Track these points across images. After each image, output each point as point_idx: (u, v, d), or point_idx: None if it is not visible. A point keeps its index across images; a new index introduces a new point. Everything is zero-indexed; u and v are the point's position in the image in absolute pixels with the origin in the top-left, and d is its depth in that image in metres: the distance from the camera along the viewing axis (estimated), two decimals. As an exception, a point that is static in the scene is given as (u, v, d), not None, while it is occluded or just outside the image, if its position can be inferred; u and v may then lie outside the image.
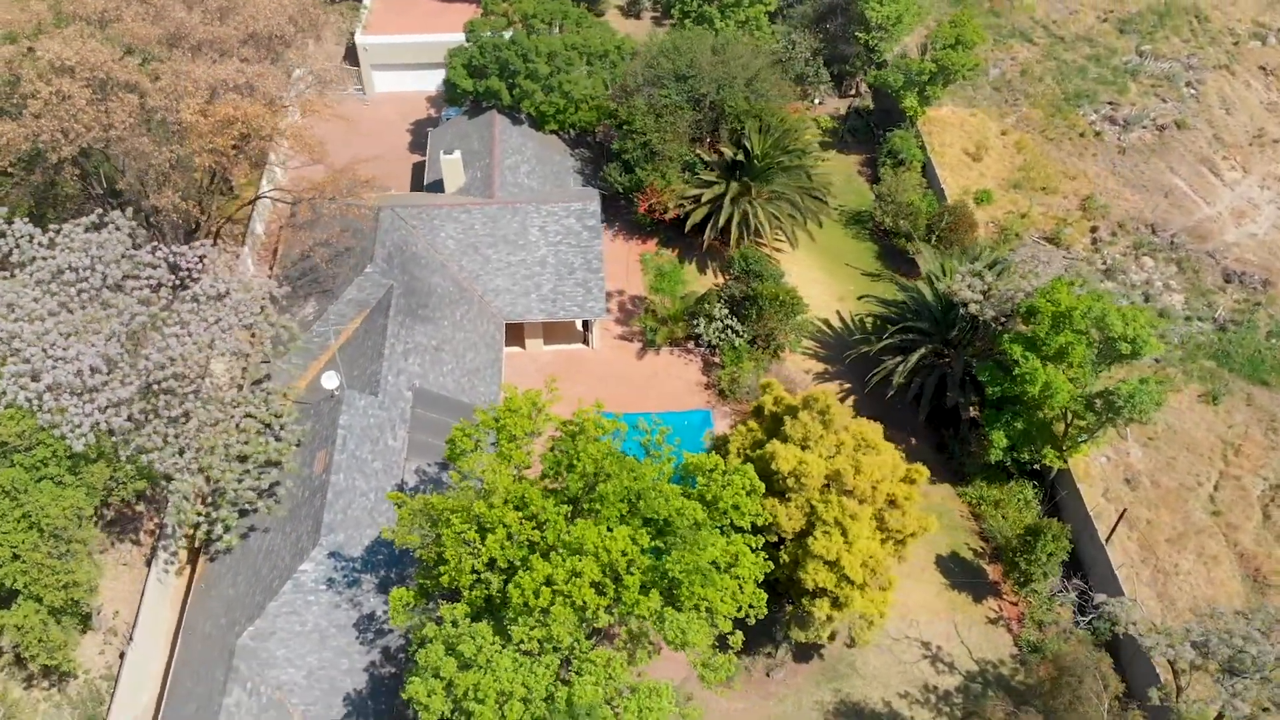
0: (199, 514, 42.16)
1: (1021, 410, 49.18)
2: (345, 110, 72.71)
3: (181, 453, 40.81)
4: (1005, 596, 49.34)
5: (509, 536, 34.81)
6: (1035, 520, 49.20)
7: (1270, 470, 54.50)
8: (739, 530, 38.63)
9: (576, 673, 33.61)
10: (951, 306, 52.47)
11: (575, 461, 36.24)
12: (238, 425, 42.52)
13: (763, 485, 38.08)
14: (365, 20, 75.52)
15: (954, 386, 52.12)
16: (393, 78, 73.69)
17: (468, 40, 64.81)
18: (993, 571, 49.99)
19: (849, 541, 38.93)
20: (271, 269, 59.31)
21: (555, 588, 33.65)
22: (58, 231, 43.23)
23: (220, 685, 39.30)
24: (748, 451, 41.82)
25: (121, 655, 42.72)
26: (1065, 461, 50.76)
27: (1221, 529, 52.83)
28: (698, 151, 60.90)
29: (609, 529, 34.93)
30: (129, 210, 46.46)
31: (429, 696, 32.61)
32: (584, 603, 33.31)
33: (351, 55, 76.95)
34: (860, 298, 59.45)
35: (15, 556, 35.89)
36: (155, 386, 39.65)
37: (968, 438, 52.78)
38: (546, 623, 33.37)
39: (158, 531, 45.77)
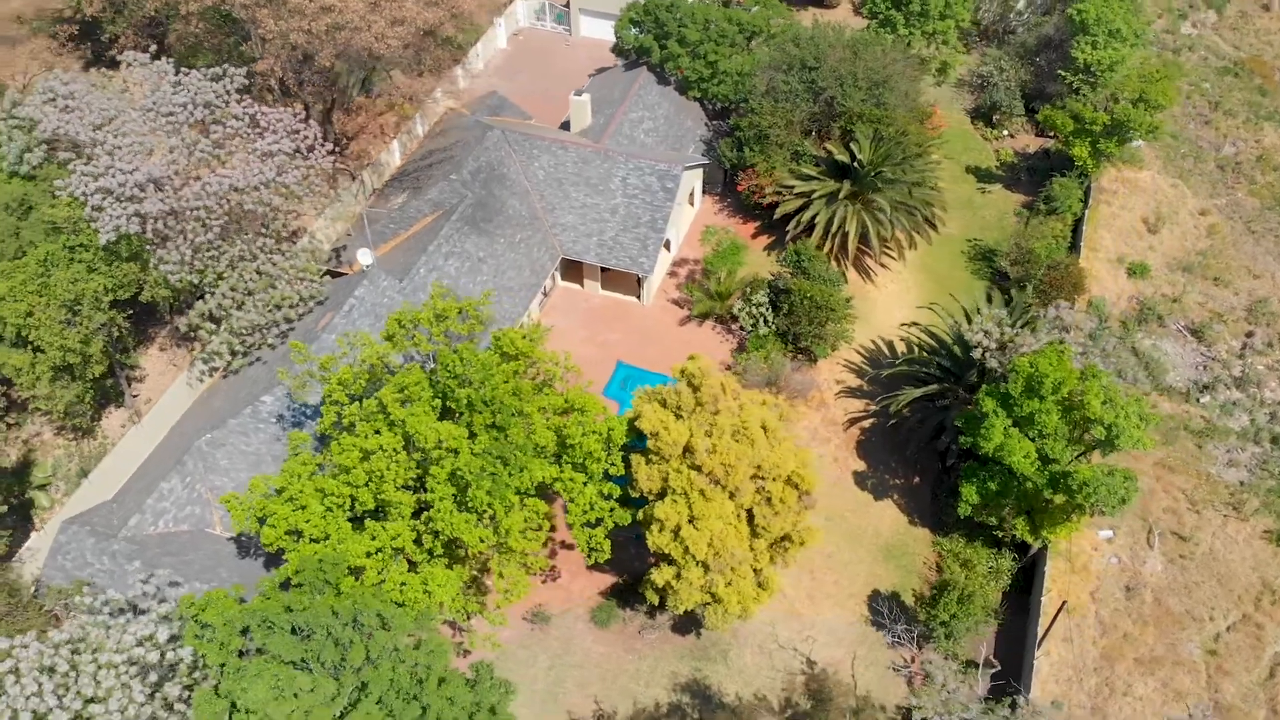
0: (210, 332, 49.15)
1: (998, 471, 46.75)
2: (547, 46, 78.71)
3: (202, 274, 47.79)
4: (922, 651, 47.41)
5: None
6: (971, 584, 46.75)
7: (1300, 634, 48.32)
8: (609, 478, 40.66)
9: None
10: (971, 349, 50.29)
11: (455, 363, 39.47)
12: (258, 269, 48.93)
13: (620, 438, 39.58)
14: None
15: (950, 429, 50.13)
16: (597, 24, 78.17)
17: (644, -5, 67.99)
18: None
19: (695, 516, 39.59)
20: (404, 163, 65.90)
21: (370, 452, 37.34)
22: (186, 73, 51.14)
23: (168, 473, 46.14)
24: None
25: (122, 428, 50.81)
26: (1036, 538, 47.68)
27: (1209, 671, 47.63)
28: (808, 145, 60.99)
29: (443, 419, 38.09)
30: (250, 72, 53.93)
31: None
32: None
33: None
34: (903, 324, 57.75)
35: (29, 313, 44.16)
36: (188, 212, 46.68)
37: (955, 487, 50.60)
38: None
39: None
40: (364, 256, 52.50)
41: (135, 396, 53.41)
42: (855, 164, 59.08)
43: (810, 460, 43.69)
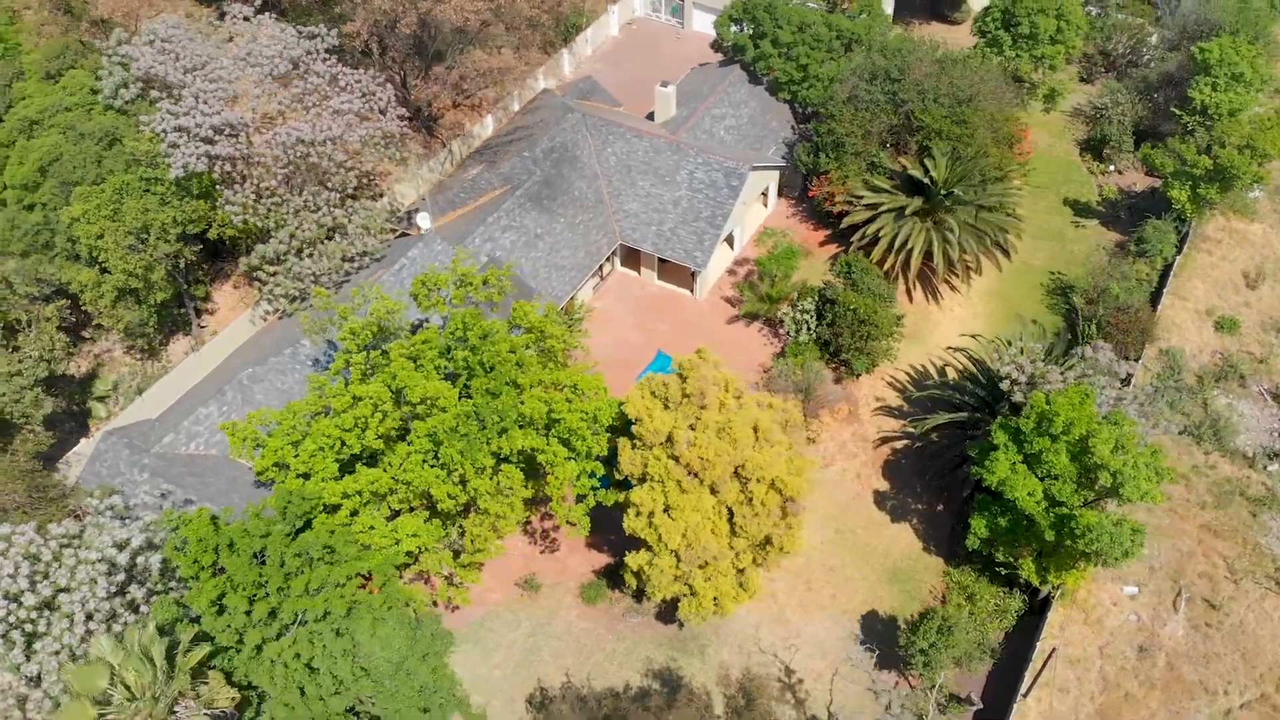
0: (270, 275, 52.03)
1: (1009, 507, 45.55)
2: (658, 37, 79.69)
3: (265, 219, 50.64)
4: (907, 677, 46.64)
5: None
6: (957, 616, 45.65)
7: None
8: (597, 458, 41.63)
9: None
10: (999, 380, 49.03)
11: (458, 327, 40.96)
12: (318, 221, 51.49)
13: (606, 419, 40.35)
14: None
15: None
16: (709, 18, 78.61)
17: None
18: (913, 652, 47.26)
19: (670, 505, 40.04)
20: (490, 137, 67.91)
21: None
22: (283, 29, 54.16)
23: (207, 398, 49.19)
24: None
25: (184, 355, 54.24)
26: (1044, 582, 46.27)
27: (1213, 745, 45.40)
28: (884, 157, 60.17)
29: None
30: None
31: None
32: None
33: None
34: (949, 348, 56.50)
35: (100, 235, 47.69)
36: (256, 158, 49.55)
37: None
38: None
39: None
40: (423, 220, 54.60)
41: (203, 327, 56.90)
42: (929, 181, 58.04)
43: (806, 469, 43.45)
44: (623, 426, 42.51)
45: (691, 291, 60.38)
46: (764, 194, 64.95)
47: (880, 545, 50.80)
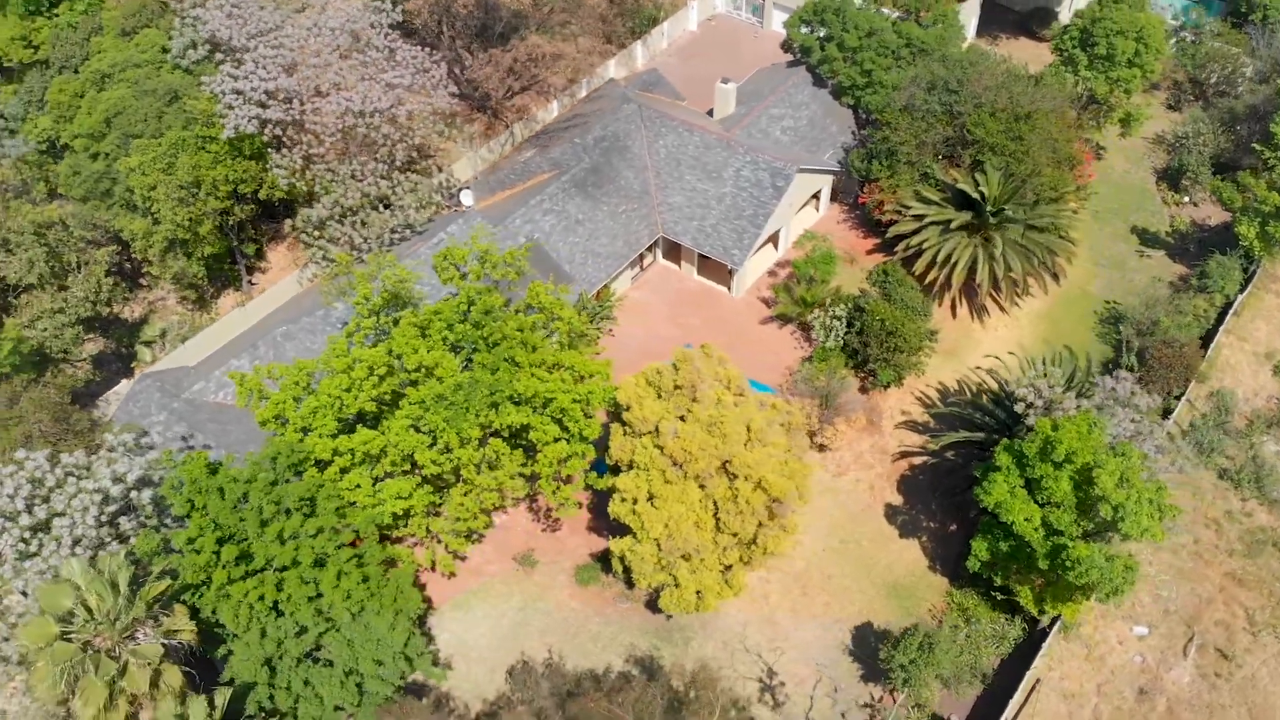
0: (313, 238, 53.87)
1: (1010, 531, 44.74)
2: (736, 35, 79.70)
3: (311, 184, 52.43)
4: (893, 693, 46.15)
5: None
6: (938, 636, 44.91)
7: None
8: (584, 439, 42.26)
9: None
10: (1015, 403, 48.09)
11: (466, 302, 41.97)
12: (363, 190, 53.07)
13: (598, 403, 40.96)
14: None
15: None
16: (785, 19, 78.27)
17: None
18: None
19: (654, 494, 40.39)
20: (551, 122, 68.90)
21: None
22: (348, 2, 55.92)
23: (240, 351, 51.23)
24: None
25: (233, 308, 56.47)
26: (1041, 611, 45.39)
27: (1202, 800, 43.93)
28: (937, 168, 59.28)
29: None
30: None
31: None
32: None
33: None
34: (975, 367, 55.46)
35: (153, 187, 50.01)
36: (306, 125, 51.35)
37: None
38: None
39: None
40: (465, 198, 55.87)
41: (253, 284, 59.14)
42: (979, 196, 57.03)
43: (802, 473, 43.31)
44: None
45: (729, 289, 60.42)
46: (816, 198, 64.57)
47: (884, 559, 50.26)
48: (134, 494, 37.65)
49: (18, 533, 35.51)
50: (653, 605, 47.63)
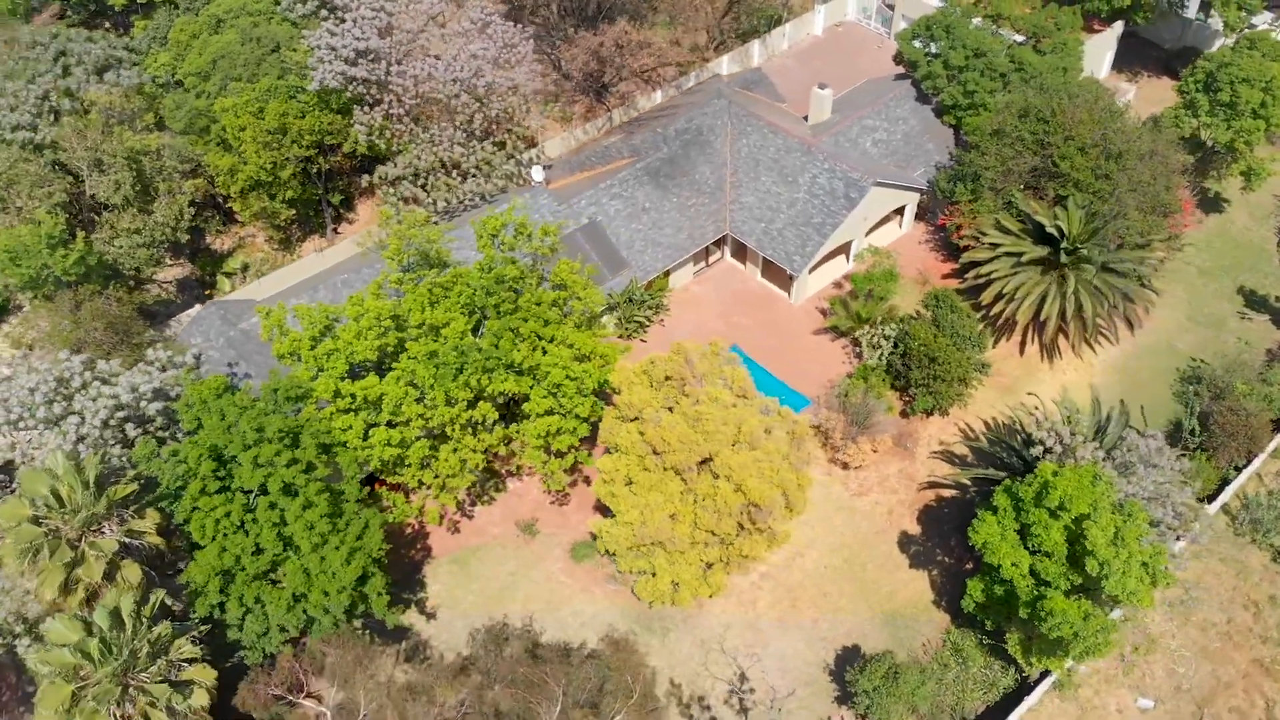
0: (386, 195, 56.37)
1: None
2: (861, 44, 78.63)
3: (389, 142, 54.83)
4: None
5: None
6: (910, 672, 43.80)
7: None
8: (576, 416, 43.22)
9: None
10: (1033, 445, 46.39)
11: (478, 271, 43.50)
12: (437, 154, 55.12)
13: (591, 384, 41.81)
14: None
15: (993, 521, 46.59)
16: (907, 32, 76.72)
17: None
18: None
19: (632, 480, 40.94)
20: (649, 110, 69.67)
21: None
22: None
23: (302, 292, 54.12)
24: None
25: (314, 252, 59.55)
26: (1030, 663, 43.82)
27: None
28: (1020, 198, 57.27)
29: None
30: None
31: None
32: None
33: None
34: (1020, 405, 53.42)
35: (242, 128, 53.32)
36: (390, 85, 53.74)
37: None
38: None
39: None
40: (536, 173, 57.33)
41: (337, 232, 62.24)
42: (1056, 232, 54.91)
43: (796, 484, 43.04)
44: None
45: (789, 295, 60.01)
46: (900, 214, 63.35)
47: (888, 586, 49.28)
48: (145, 404, 40.53)
49: (33, 424, 38.88)
50: (675, 585, 48.01)
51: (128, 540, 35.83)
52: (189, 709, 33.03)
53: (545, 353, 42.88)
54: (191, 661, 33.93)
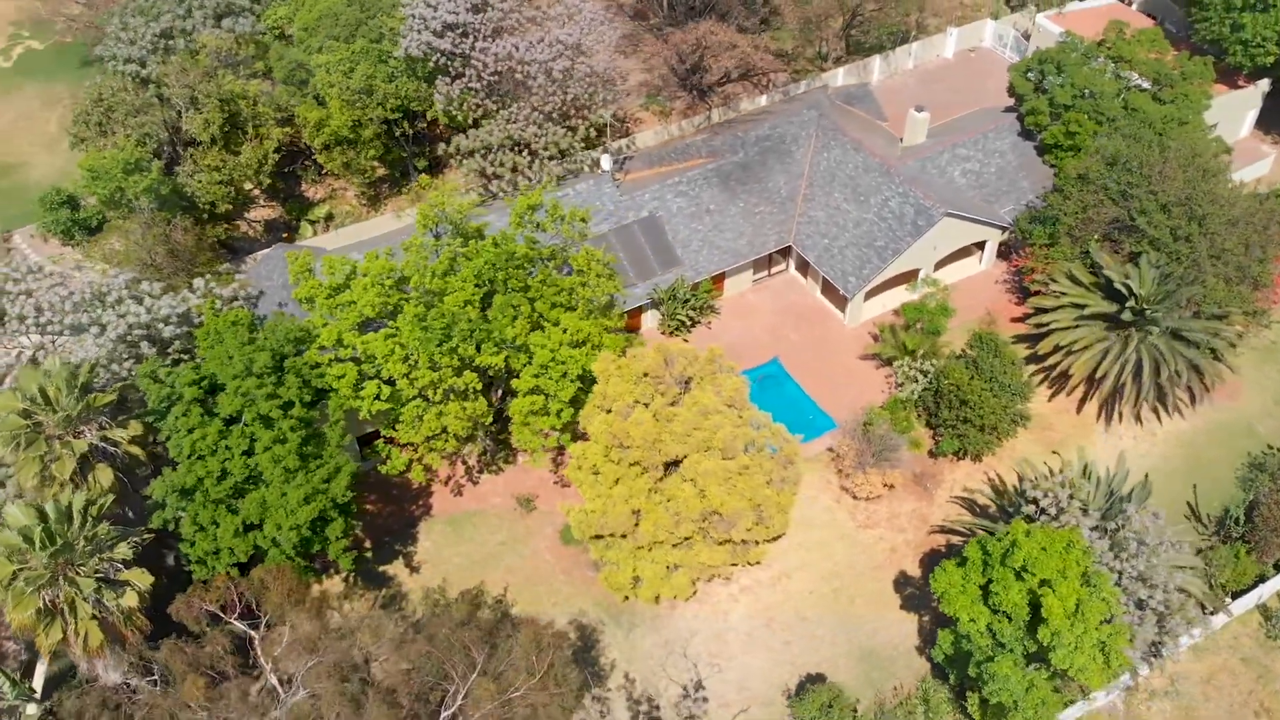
0: (459, 164, 58.39)
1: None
2: (990, 72, 75.98)
3: (465, 115, 56.79)
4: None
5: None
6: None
7: None
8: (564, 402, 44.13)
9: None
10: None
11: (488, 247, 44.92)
12: (509, 133, 56.69)
13: (575, 370, 42.61)
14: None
15: (981, 575, 44.82)
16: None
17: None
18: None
19: (596, 467, 41.47)
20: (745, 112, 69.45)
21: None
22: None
23: (370, 247, 56.64)
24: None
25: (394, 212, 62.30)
26: (984, 727, 42.10)
27: None
28: (1097, 247, 54.42)
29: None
30: None
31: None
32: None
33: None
34: (1045, 462, 50.80)
35: (331, 85, 56.17)
36: (473, 59, 55.61)
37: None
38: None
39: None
40: (605, 162, 58.26)
41: (421, 197, 64.67)
42: (1125, 289, 52.02)
43: (773, 502, 42.55)
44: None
45: (844, 315, 58.90)
46: (980, 249, 61.19)
47: (872, 624, 47.99)
48: (162, 326, 43.60)
49: (59, 329, 42.46)
50: (636, 580, 48.36)
51: (104, 445, 38.79)
52: (118, 607, 35.59)
53: (545, 331, 43.71)
54: (129, 565, 36.50)
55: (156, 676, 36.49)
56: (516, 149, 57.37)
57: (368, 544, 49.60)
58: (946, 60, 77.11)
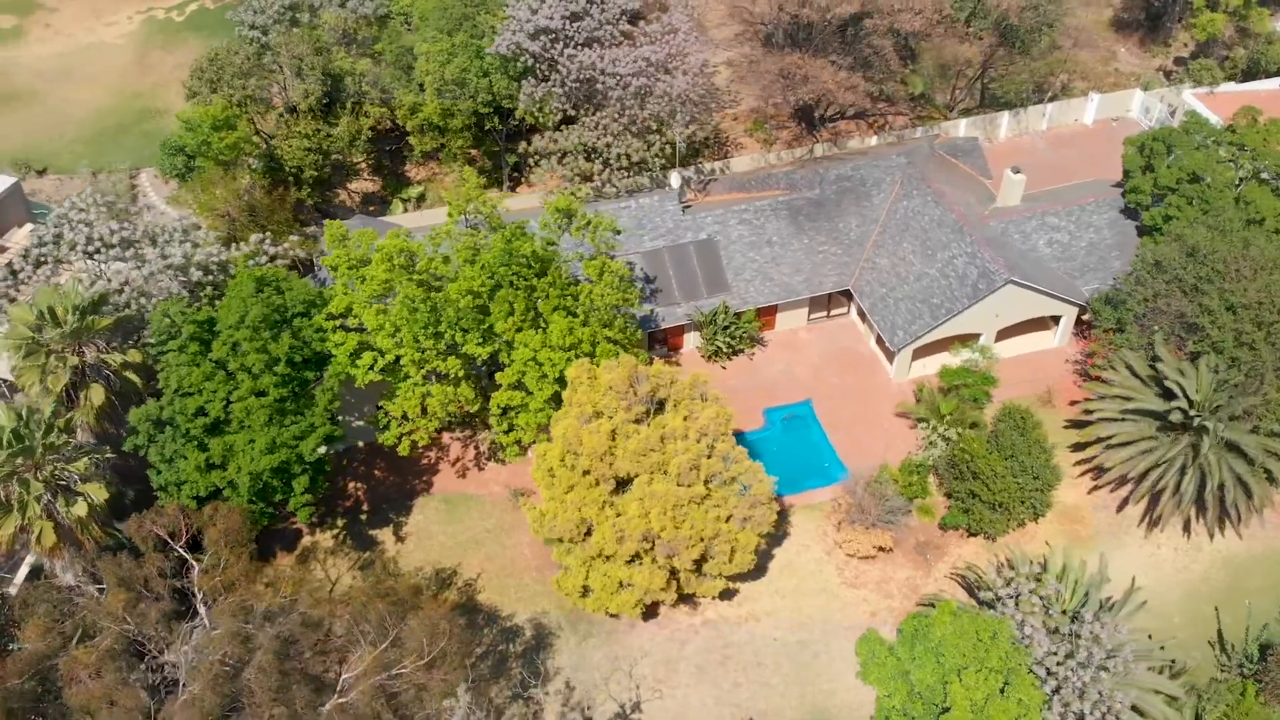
0: (535, 163, 60.33)
1: (906, 710, 40.30)
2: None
3: (543, 117, 58.62)
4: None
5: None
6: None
7: None
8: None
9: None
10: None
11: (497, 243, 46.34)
12: (581, 139, 58.04)
13: (554, 373, 43.50)
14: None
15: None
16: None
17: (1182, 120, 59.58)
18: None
19: (552, 470, 42.22)
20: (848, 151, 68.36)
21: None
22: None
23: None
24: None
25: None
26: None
27: None
28: (1159, 340, 50.85)
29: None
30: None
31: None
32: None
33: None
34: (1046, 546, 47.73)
35: (428, 73, 58.85)
36: (559, 65, 57.29)
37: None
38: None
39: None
40: (674, 179, 58.86)
41: (514, 190, 66.93)
42: (1177, 389, 48.50)
43: (732, 538, 42.19)
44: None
45: (891, 367, 57.24)
46: (1055, 324, 58.20)
47: (830, 684, 46.45)
48: (194, 271, 47.21)
49: (103, 257, 46.71)
50: (585, 590, 48.84)
51: (101, 366, 42.43)
52: (68, 513, 38.84)
53: (540, 330, 44.73)
54: (88, 479, 39.73)
55: (105, 585, 39.62)
56: (589, 156, 58.57)
57: (365, 507, 51.91)
58: (1084, 126, 73.63)
